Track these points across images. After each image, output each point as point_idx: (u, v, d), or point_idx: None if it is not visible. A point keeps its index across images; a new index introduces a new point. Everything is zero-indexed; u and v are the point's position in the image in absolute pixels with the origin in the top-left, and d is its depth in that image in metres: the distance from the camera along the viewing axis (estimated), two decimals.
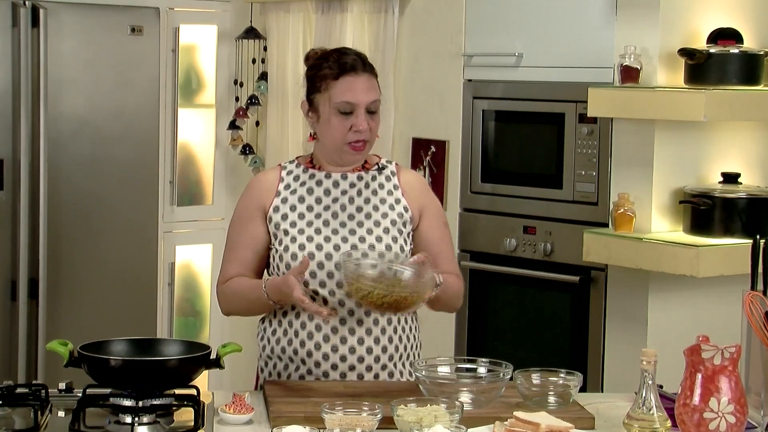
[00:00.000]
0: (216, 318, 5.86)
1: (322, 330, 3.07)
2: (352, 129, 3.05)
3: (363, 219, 3.09)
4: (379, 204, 3.12)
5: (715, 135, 4.19)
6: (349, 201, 3.12)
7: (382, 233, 3.08)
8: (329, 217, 3.10)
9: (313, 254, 3.05)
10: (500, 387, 2.83)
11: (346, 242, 3.06)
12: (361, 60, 3.10)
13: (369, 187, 3.14)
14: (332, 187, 3.13)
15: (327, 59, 3.09)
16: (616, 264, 4.08)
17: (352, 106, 3.05)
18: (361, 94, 3.05)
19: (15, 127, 4.89)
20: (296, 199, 3.13)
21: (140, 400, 2.67)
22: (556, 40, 4.45)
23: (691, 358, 2.57)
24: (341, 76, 3.05)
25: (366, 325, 3.07)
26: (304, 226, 3.09)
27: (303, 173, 3.17)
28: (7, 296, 4.94)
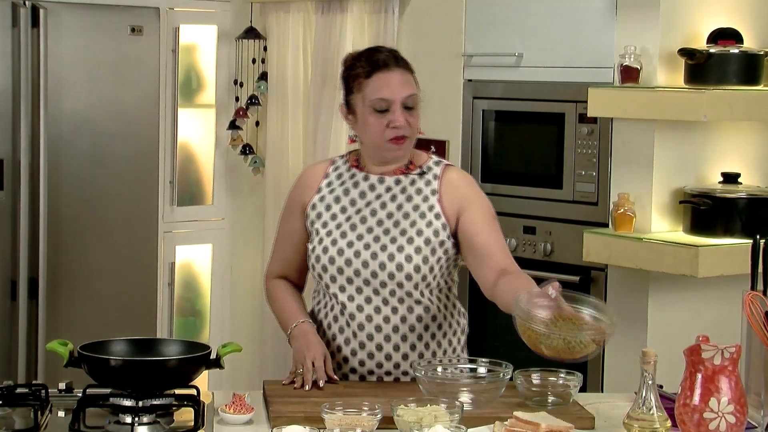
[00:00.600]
0: (216, 318, 5.86)
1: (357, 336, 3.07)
2: (389, 126, 3.00)
3: (390, 226, 3.05)
4: (411, 211, 3.05)
5: (715, 135, 4.19)
6: (381, 206, 3.07)
7: (405, 243, 3.02)
8: (357, 221, 3.07)
9: (333, 258, 3.05)
10: (500, 387, 2.83)
11: (368, 249, 3.03)
12: (394, 56, 3.06)
13: (405, 192, 3.08)
14: (368, 189, 3.10)
15: (359, 59, 3.07)
16: (616, 264, 4.08)
17: (387, 103, 3.00)
18: (395, 90, 3.00)
19: (15, 127, 4.89)
20: (333, 198, 3.11)
21: (140, 400, 2.67)
22: (556, 40, 4.45)
23: (691, 358, 2.57)
24: (373, 74, 3.01)
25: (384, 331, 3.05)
26: (332, 228, 3.08)
27: (346, 171, 3.14)
28: (7, 296, 4.93)
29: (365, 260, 3.02)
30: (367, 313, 3.05)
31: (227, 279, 5.89)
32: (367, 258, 3.02)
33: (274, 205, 5.52)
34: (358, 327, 3.06)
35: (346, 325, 3.08)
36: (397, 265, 3.01)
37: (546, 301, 2.60)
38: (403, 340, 3.06)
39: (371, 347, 3.06)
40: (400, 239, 3.03)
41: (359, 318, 3.05)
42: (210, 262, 5.85)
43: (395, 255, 3.01)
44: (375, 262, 3.02)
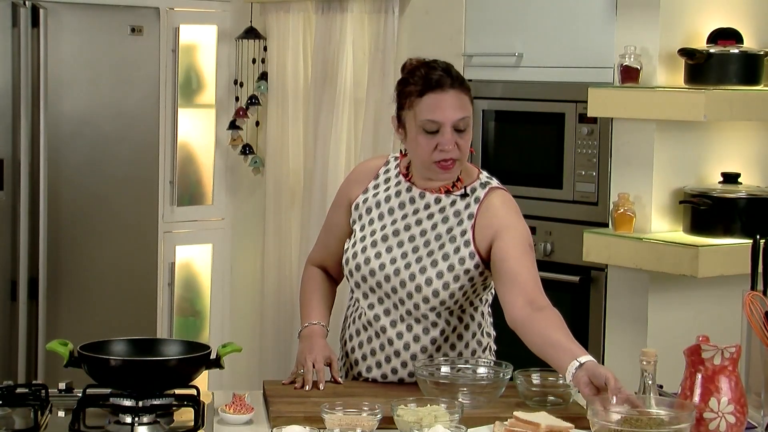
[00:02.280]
0: (216, 318, 5.86)
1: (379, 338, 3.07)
2: (438, 148, 2.93)
3: (420, 245, 3.02)
4: (443, 233, 3.01)
5: (715, 135, 4.19)
6: (416, 222, 3.04)
7: (429, 265, 2.98)
8: (390, 232, 3.05)
9: (359, 266, 3.05)
10: (500, 387, 2.83)
11: (393, 264, 3.01)
12: (450, 75, 2.97)
13: (442, 213, 3.02)
14: (408, 202, 3.06)
15: (414, 74, 2.99)
16: (616, 264, 4.08)
17: (437, 125, 2.92)
18: (447, 112, 2.92)
19: (15, 127, 4.88)
20: (375, 202, 3.10)
21: (140, 400, 2.67)
22: (556, 40, 4.45)
23: (691, 358, 2.57)
24: (426, 93, 2.93)
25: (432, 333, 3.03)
26: (366, 234, 3.07)
27: (395, 177, 3.11)
28: (7, 296, 4.93)
29: (387, 274, 3.01)
30: (382, 324, 3.05)
31: (227, 279, 5.89)
32: (389, 272, 3.01)
33: (274, 205, 5.52)
34: (375, 334, 3.07)
35: (363, 329, 3.09)
36: (416, 285, 2.99)
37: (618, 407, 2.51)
38: (413, 358, 3.04)
39: (380, 357, 3.07)
40: (425, 260, 3.00)
41: (375, 326, 3.06)
42: (210, 262, 5.85)
43: (416, 275, 2.99)
44: (396, 278, 3.00)
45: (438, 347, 3.05)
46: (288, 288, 5.49)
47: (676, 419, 2.45)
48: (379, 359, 3.07)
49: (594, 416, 2.47)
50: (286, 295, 5.50)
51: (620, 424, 2.44)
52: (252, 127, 5.72)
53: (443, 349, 3.06)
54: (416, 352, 3.04)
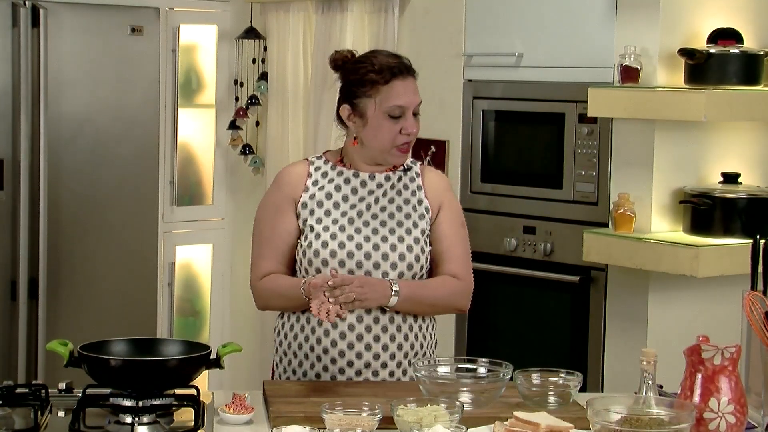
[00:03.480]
0: (216, 318, 5.86)
1: (338, 327, 3.08)
2: (402, 132, 3.08)
3: (386, 218, 3.12)
4: (402, 204, 3.15)
5: (715, 135, 4.19)
6: (375, 200, 3.14)
7: (404, 234, 3.11)
8: (354, 215, 3.12)
9: (335, 252, 3.07)
10: (500, 387, 2.83)
11: (368, 241, 3.08)
12: (405, 63, 3.13)
13: (394, 188, 3.16)
14: (359, 186, 3.15)
15: (370, 63, 3.10)
16: (616, 264, 4.08)
17: (402, 110, 3.07)
18: (410, 97, 3.09)
19: (15, 127, 4.89)
20: (323, 195, 3.14)
21: (140, 400, 2.67)
22: (556, 40, 4.45)
23: (691, 358, 2.57)
24: (391, 81, 3.07)
25: (382, 322, 3.09)
26: (329, 224, 3.11)
27: (331, 170, 3.18)
28: (7, 296, 4.93)
29: (367, 251, 3.07)
30: (358, 313, 3.07)
31: (227, 279, 5.89)
32: (369, 250, 3.07)
33: None
34: (357, 319, 3.08)
35: (340, 320, 3.05)
36: (399, 254, 3.08)
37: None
38: (398, 330, 3.10)
39: (368, 338, 3.08)
40: (399, 230, 3.11)
41: (358, 310, 3.06)
42: (210, 262, 5.85)
43: (397, 245, 3.09)
44: (378, 253, 3.07)
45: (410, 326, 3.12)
46: None
47: (676, 419, 2.45)
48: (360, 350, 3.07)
49: (594, 416, 2.47)
50: None
51: (620, 424, 2.44)
52: (252, 127, 5.72)
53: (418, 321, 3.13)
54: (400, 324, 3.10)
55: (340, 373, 3.09)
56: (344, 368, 3.09)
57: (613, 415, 2.47)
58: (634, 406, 2.54)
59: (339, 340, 3.09)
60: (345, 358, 3.08)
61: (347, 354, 3.08)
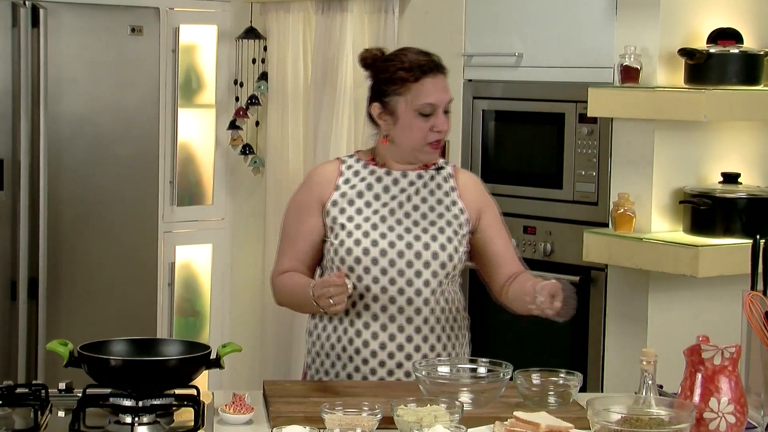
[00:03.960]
0: (216, 318, 5.86)
1: (370, 327, 3.08)
2: (433, 129, 3.08)
3: (419, 218, 3.12)
4: (435, 204, 3.15)
5: (715, 135, 4.19)
6: (407, 199, 3.14)
7: (438, 233, 3.11)
8: (386, 213, 3.11)
9: (368, 249, 3.07)
10: (500, 387, 2.83)
11: (401, 239, 3.08)
12: (435, 60, 3.13)
13: (427, 187, 3.16)
14: (392, 184, 3.15)
15: (399, 60, 3.10)
16: (616, 264, 4.08)
17: (432, 108, 3.07)
18: (441, 95, 3.09)
19: (15, 127, 4.89)
20: (355, 194, 3.13)
21: (140, 400, 2.67)
22: (556, 40, 4.45)
23: (691, 358, 2.57)
24: (421, 78, 3.07)
25: (415, 323, 3.08)
26: (361, 222, 3.10)
27: (363, 168, 3.17)
28: (7, 296, 4.93)
29: (400, 250, 3.07)
30: (400, 305, 3.07)
31: (227, 279, 5.89)
32: (402, 248, 3.07)
33: (274, 205, 5.52)
34: (390, 319, 3.07)
35: (373, 320, 3.07)
36: (432, 253, 3.08)
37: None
38: (432, 331, 3.09)
39: (401, 339, 3.07)
40: (432, 229, 3.11)
41: (391, 309, 3.07)
42: (210, 262, 5.85)
43: (430, 244, 3.09)
44: (411, 251, 3.07)
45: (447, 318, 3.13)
46: None
47: (676, 419, 2.45)
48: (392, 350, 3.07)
49: (594, 416, 2.47)
50: None
51: (620, 424, 2.44)
52: (252, 127, 5.72)
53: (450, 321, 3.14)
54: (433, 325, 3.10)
55: (371, 374, 3.08)
56: (376, 369, 3.08)
57: (613, 415, 2.47)
58: (634, 406, 2.54)
59: (371, 341, 3.08)
60: (377, 358, 3.07)
61: (379, 354, 3.07)
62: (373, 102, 3.13)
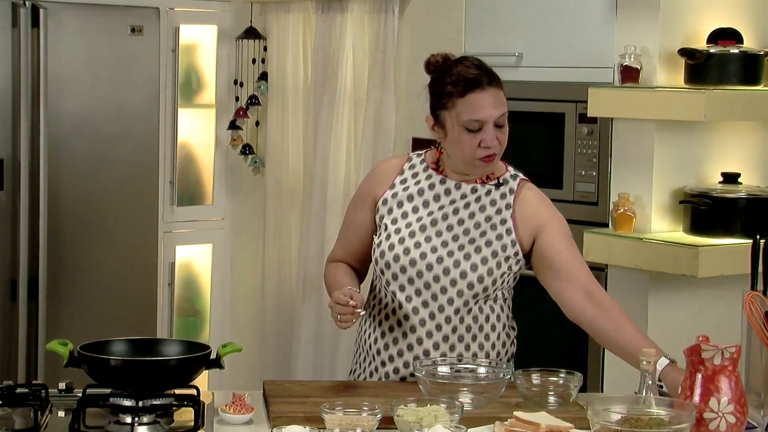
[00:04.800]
0: (216, 318, 5.86)
1: (416, 331, 3.04)
2: (481, 145, 2.98)
3: (460, 233, 3.04)
4: (482, 221, 3.05)
5: (715, 135, 4.19)
6: (454, 212, 3.06)
7: (473, 252, 3.02)
8: (428, 222, 3.05)
9: (398, 256, 3.03)
10: (500, 387, 2.83)
11: (434, 252, 3.02)
12: (487, 73, 3.02)
13: (479, 202, 3.07)
14: (443, 193, 3.08)
15: (450, 73, 3.02)
16: (616, 264, 4.08)
17: (480, 123, 2.97)
18: (489, 111, 2.97)
19: (15, 127, 4.89)
20: (405, 196, 3.10)
21: (140, 400, 2.67)
22: (556, 40, 4.45)
23: (691, 358, 2.57)
24: (467, 94, 2.97)
25: (434, 338, 3.03)
26: (401, 226, 3.07)
27: (423, 171, 3.12)
28: (7, 296, 4.94)
29: (430, 263, 3.01)
30: (421, 317, 3.04)
31: (227, 279, 5.89)
32: (432, 261, 3.01)
33: (274, 205, 5.52)
34: (410, 329, 3.05)
35: (398, 325, 3.06)
36: (461, 272, 3.00)
37: None
38: (451, 350, 3.05)
39: (418, 351, 3.05)
40: (468, 247, 3.02)
41: (413, 320, 3.04)
42: (210, 262, 5.85)
43: (461, 262, 3.01)
44: (440, 267, 3.01)
45: (474, 336, 3.06)
46: (288, 288, 5.49)
47: (676, 419, 2.45)
48: (417, 354, 3.04)
49: (594, 416, 2.47)
50: (286, 294, 5.50)
51: (620, 424, 2.44)
52: (252, 127, 5.72)
53: (479, 339, 3.07)
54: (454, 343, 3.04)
55: (395, 372, 3.06)
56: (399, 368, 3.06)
57: (613, 415, 2.47)
58: (634, 406, 2.54)
59: (416, 345, 3.04)
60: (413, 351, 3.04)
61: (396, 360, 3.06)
62: (429, 113, 3.07)
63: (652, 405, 2.56)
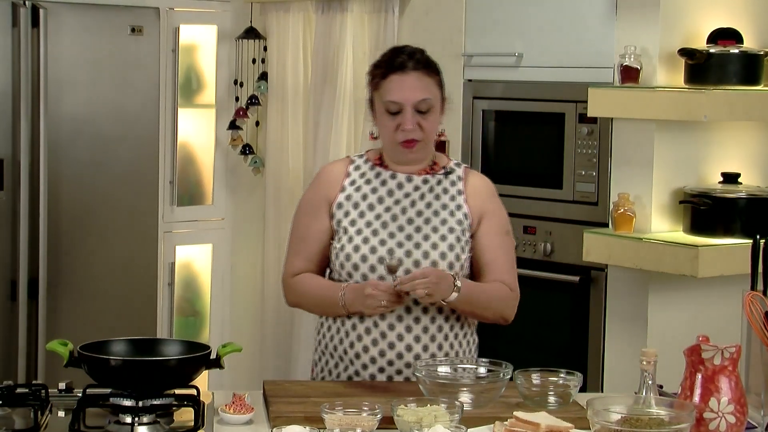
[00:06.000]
0: (216, 318, 5.86)
1: (371, 333, 3.04)
2: (400, 128, 3.01)
3: (421, 224, 3.06)
4: (440, 209, 3.08)
5: (715, 135, 4.19)
6: (411, 204, 3.08)
7: (439, 240, 3.05)
8: (388, 219, 3.07)
9: (366, 256, 3.03)
10: (500, 387, 2.83)
11: (401, 247, 3.03)
12: (413, 58, 3.04)
13: (432, 192, 3.10)
14: (396, 188, 3.10)
15: (383, 57, 3.09)
16: (616, 264, 4.08)
17: (398, 106, 3.01)
18: (406, 93, 3.00)
19: (15, 127, 4.89)
20: (359, 196, 3.10)
21: (140, 400, 2.67)
22: (556, 40, 4.45)
23: (691, 358, 2.57)
24: (388, 75, 3.03)
25: (414, 332, 3.05)
26: (362, 226, 3.07)
27: (370, 170, 3.13)
28: (7, 296, 4.93)
29: (399, 257, 3.02)
30: (398, 313, 3.04)
31: (227, 279, 5.89)
32: (401, 256, 3.03)
33: (274, 205, 5.52)
34: (389, 327, 3.05)
35: (374, 326, 3.06)
36: (431, 262, 3.02)
37: None
38: (432, 340, 3.06)
39: (401, 347, 3.05)
40: (433, 236, 3.05)
41: (389, 317, 3.04)
42: (210, 262, 5.85)
43: (429, 252, 3.03)
44: (409, 260, 3.02)
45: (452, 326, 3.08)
46: None
47: (676, 419, 2.45)
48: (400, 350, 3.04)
49: (594, 416, 2.47)
50: None
51: (620, 424, 2.44)
52: (252, 127, 5.72)
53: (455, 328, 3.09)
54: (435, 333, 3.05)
55: (380, 372, 3.06)
56: (384, 367, 3.06)
57: (613, 415, 2.47)
58: (634, 406, 2.54)
59: (380, 339, 3.05)
60: (385, 357, 3.05)
61: (387, 354, 3.05)
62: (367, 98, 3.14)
63: (652, 405, 2.56)
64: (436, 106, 3.06)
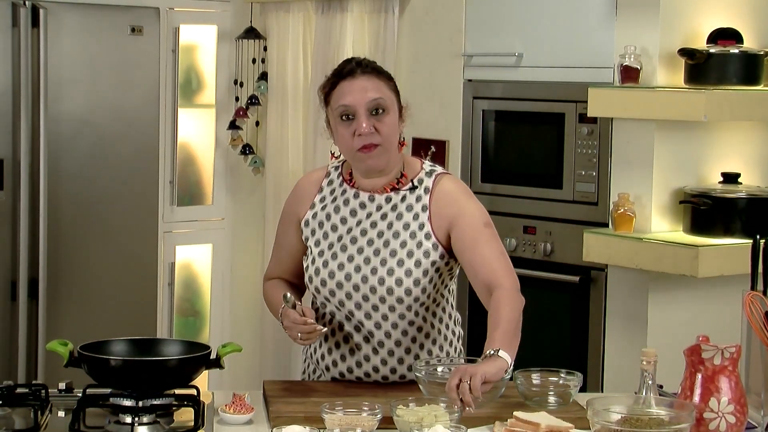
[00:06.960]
0: (216, 318, 5.86)
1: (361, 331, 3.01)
2: (356, 134, 2.92)
3: (381, 246, 2.97)
4: (401, 230, 2.97)
5: (715, 135, 4.19)
6: (371, 225, 3.00)
7: (395, 266, 2.95)
8: (348, 241, 3.00)
9: (325, 281, 2.99)
10: (500, 387, 2.82)
11: (358, 272, 2.97)
12: (362, 65, 2.97)
13: (395, 210, 3.00)
14: (359, 207, 3.02)
15: (332, 71, 3.02)
16: (616, 264, 4.08)
17: (350, 110, 2.91)
18: (357, 95, 2.91)
19: (15, 127, 4.89)
20: (324, 216, 3.06)
21: (140, 400, 2.67)
22: (556, 40, 4.45)
23: (691, 358, 2.57)
24: (337, 84, 2.95)
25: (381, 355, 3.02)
26: (324, 248, 3.03)
27: (339, 186, 3.06)
28: (7, 296, 4.93)
29: (356, 284, 2.97)
30: (365, 333, 3.01)
31: (227, 279, 5.89)
32: (357, 282, 2.97)
33: (274, 205, 5.52)
34: (365, 339, 3.02)
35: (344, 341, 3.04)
36: (387, 288, 2.95)
37: None
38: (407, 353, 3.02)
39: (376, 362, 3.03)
40: (391, 261, 2.96)
41: (357, 338, 3.02)
42: (210, 262, 5.85)
43: (385, 279, 2.95)
44: (366, 286, 2.97)
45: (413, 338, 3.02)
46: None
47: (676, 419, 2.45)
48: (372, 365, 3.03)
49: (594, 416, 2.47)
50: None
51: (620, 424, 2.44)
52: (252, 127, 5.72)
53: (420, 340, 3.03)
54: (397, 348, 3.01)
55: (366, 376, 3.04)
56: (369, 372, 3.04)
57: (613, 415, 2.47)
58: (634, 406, 2.54)
59: (364, 344, 3.02)
60: (370, 362, 3.03)
61: (372, 359, 3.03)
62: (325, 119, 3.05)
63: (652, 405, 2.56)
64: (391, 108, 2.96)
